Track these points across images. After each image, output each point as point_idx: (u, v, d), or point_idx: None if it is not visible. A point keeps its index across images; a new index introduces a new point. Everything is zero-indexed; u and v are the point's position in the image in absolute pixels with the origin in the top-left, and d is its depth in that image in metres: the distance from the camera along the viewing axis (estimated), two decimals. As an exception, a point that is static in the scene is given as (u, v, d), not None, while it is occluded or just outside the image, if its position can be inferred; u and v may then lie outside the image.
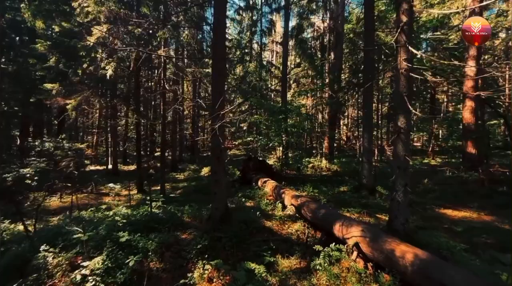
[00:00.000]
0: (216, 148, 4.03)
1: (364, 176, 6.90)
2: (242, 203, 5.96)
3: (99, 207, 6.44)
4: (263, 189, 7.20)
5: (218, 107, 3.84)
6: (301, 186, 7.82)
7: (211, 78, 4.66)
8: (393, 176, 3.62)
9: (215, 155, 4.08)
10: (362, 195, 6.63)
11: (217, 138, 3.95)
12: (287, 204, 5.45)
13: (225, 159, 4.11)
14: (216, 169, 4.10)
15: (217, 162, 4.07)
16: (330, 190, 7.40)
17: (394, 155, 3.63)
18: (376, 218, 5.03)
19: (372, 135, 7.03)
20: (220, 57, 4.23)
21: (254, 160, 9.07)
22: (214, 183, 4.13)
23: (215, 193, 4.10)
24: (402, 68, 3.48)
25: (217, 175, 4.09)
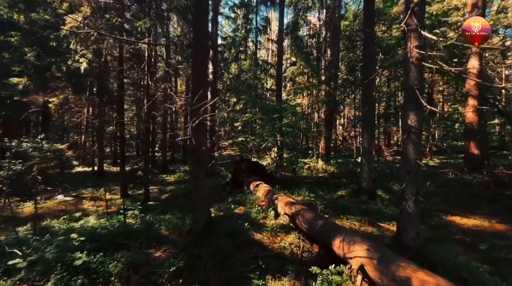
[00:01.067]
0: (196, 148, 3.46)
1: (363, 179, 6.40)
2: (231, 210, 5.40)
3: (72, 214, 5.81)
4: (255, 194, 6.65)
5: (197, 101, 3.28)
6: (296, 189, 7.30)
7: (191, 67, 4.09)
8: (403, 183, 3.09)
9: (196, 157, 3.51)
10: (361, 199, 6.13)
11: (198, 137, 3.39)
12: (280, 212, 4.91)
13: (207, 161, 3.54)
14: (197, 173, 3.53)
15: (198, 165, 3.50)
16: (327, 194, 6.89)
17: (404, 158, 3.11)
18: (379, 227, 4.53)
19: (372, 136, 6.55)
20: (202, 43, 3.67)
21: (247, 161, 8.52)
22: (195, 189, 3.57)
23: (195, 201, 3.54)
24: (413, 57, 2.97)
25: (198, 180, 3.52)
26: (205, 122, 3.51)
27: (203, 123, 3.46)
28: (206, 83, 3.63)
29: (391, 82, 19.20)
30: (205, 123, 3.47)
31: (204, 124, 3.46)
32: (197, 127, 3.42)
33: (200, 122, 3.44)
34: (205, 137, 3.33)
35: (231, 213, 5.18)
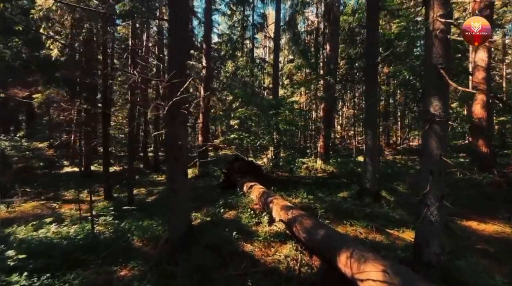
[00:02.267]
0: (172, 144, 2.86)
1: (367, 179, 5.84)
2: (220, 215, 4.80)
3: (42, 220, 5.16)
4: (248, 196, 6.06)
5: (173, 86, 2.68)
6: (294, 190, 6.72)
7: (168, 47, 3.47)
8: (425, 185, 2.52)
9: (172, 155, 2.91)
10: (365, 202, 5.56)
11: (173, 129, 2.79)
12: (275, 217, 4.32)
13: (186, 160, 2.94)
14: (173, 175, 2.93)
15: (175, 165, 2.90)
16: (328, 196, 6.31)
17: (425, 154, 2.54)
18: (388, 235, 3.96)
19: (376, 133, 5.99)
20: (181, 18, 3.05)
21: (241, 160, 7.92)
22: (171, 194, 2.96)
23: (171, 207, 2.93)
24: (437, 29, 2.40)
25: (174, 183, 2.92)
26: (182, 111, 2.90)
27: (180, 113, 2.86)
28: (185, 66, 3.03)
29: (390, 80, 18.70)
30: (182, 113, 2.86)
31: (182, 114, 2.86)
32: (173, 118, 2.82)
33: (177, 112, 2.84)
34: (183, 130, 2.73)
35: (220, 218, 4.58)
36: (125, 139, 22.58)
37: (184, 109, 2.87)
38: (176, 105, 2.78)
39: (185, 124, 2.93)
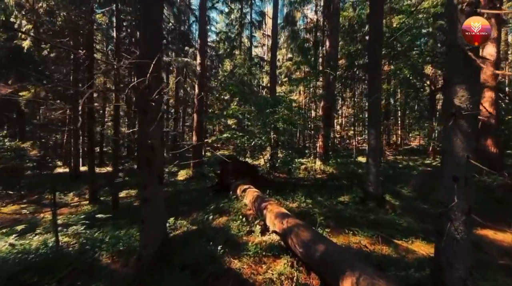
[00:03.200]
0: (144, 144, 2.39)
1: (370, 182, 5.38)
2: (208, 223, 4.33)
3: (13, 228, 4.69)
4: (241, 200, 5.59)
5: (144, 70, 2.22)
6: (291, 194, 6.25)
7: (140, 24, 3.01)
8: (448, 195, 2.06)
9: (145, 156, 2.44)
10: (368, 207, 5.11)
11: (145, 128, 2.33)
12: (269, 225, 3.86)
13: (160, 163, 2.46)
14: (146, 180, 2.46)
15: (147, 169, 2.43)
16: (327, 200, 5.85)
17: (447, 156, 2.08)
18: (396, 246, 3.50)
19: (379, 131, 5.53)
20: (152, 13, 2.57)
21: (235, 161, 7.45)
22: (143, 203, 2.49)
23: (143, 220, 2.47)
24: (463, 2, 1.95)
25: (146, 191, 2.45)
26: (157, 106, 2.44)
27: (151, 108, 2.39)
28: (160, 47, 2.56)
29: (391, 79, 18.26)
30: (155, 107, 2.40)
31: (154, 109, 2.40)
32: (143, 113, 2.35)
33: (148, 106, 2.38)
34: (157, 127, 2.25)
35: (208, 226, 4.11)
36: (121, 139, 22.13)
37: (156, 103, 2.40)
38: (147, 99, 2.31)
39: (159, 120, 2.46)
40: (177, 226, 4.15)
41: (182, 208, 5.87)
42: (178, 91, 17.88)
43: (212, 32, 27.27)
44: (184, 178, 10.62)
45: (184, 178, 10.62)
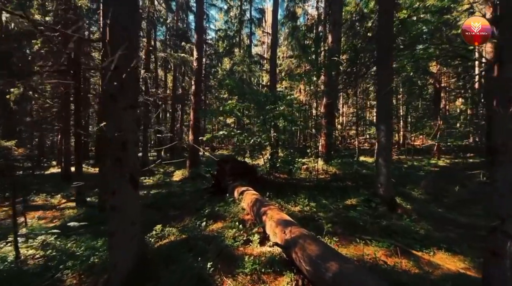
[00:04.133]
0: (113, 139, 1.90)
1: (380, 184, 4.90)
2: (200, 230, 3.84)
3: (-17, 235, 4.20)
4: (239, 203, 5.10)
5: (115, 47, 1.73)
6: (293, 196, 5.77)
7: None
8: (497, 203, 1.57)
9: (114, 155, 1.95)
10: (379, 211, 4.62)
11: (115, 119, 1.84)
12: (269, 234, 3.38)
13: (135, 162, 1.96)
14: (115, 184, 1.97)
15: (117, 169, 1.94)
16: (333, 203, 5.36)
17: (504, 153, 1.59)
18: (417, 259, 3.01)
19: (391, 128, 5.04)
20: None
21: (233, 161, 6.96)
22: (110, 212, 2.00)
23: (112, 233, 1.97)
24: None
25: (115, 197, 1.96)
26: (129, 91, 1.95)
27: (123, 95, 1.90)
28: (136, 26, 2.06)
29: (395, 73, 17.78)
30: (127, 94, 1.91)
31: (126, 95, 1.91)
32: (113, 100, 1.86)
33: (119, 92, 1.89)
34: (130, 118, 1.75)
35: (199, 234, 3.61)
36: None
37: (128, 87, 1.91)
38: (118, 83, 1.83)
39: (132, 113, 1.97)
40: (165, 234, 3.66)
41: (174, 212, 5.39)
42: (176, 90, 17.38)
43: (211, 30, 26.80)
44: (180, 178, 10.13)
45: (180, 178, 10.13)
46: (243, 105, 6.12)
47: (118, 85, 1.86)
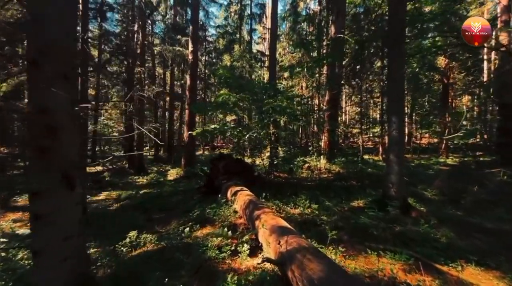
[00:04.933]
0: (35, 118, 1.35)
1: (391, 183, 4.32)
2: (182, 238, 3.28)
3: None
4: (231, 205, 4.55)
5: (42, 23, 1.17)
6: (293, 197, 5.20)
7: None
8: None
9: (36, 144, 1.40)
10: (391, 215, 4.04)
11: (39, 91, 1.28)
12: (262, 243, 2.82)
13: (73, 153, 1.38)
14: (41, 183, 1.42)
15: (41, 163, 1.39)
16: (337, 205, 4.79)
17: None
18: (442, 276, 2.43)
19: (403, 120, 4.44)
20: None
21: (227, 159, 6.40)
22: (33, 222, 1.45)
23: (36, 252, 1.42)
24: None
25: (40, 203, 1.41)
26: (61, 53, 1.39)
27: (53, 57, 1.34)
28: None
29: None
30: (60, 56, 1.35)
31: (57, 58, 1.35)
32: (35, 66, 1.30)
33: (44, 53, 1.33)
34: (62, 96, 1.16)
35: (180, 243, 3.06)
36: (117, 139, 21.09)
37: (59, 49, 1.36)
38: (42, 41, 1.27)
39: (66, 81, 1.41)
40: (141, 242, 3.12)
41: (160, 214, 4.85)
42: (174, 86, 16.86)
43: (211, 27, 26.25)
44: (174, 177, 9.61)
45: (174, 177, 9.61)
46: (239, 96, 5.54)
47: (48, 55, 1.32)
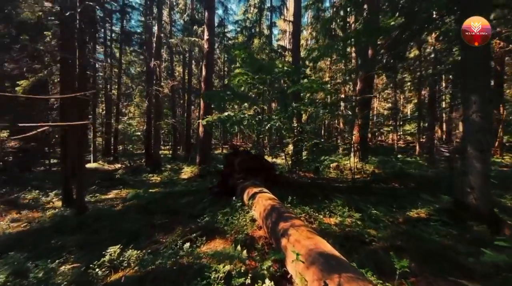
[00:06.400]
0: None
1: (470, 187, 3.09)
2: (178, 257, 2.38)
3: None
4: (248, 210, 3.60)
5: None
6: (326, 202, 4.14)
7: None
8: None
9: None
10: (472, 231, 2.83)
11: None
12: (292, 275, 1.83)
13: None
14: None
15: None
16: (387, 214, 3.64)
17: None
18: None
19: (486, 98, 3.18)
20: None
21: (243, 154, 5.46)
22: None
23: None
24: None
25: None
26: None
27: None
28: None
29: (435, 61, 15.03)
30: None
31: None
32: None
33: None
34: None
35: (173, 267, 2.16)
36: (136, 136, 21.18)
37: None
38: None
39: None
40: (123, 261, 2.27)
41: (164, 218, 4.04)
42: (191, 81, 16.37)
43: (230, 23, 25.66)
44: (189, 176, 8.91)
45: (189, 176, 8.91)
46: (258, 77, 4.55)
47: None
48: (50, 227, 4.14)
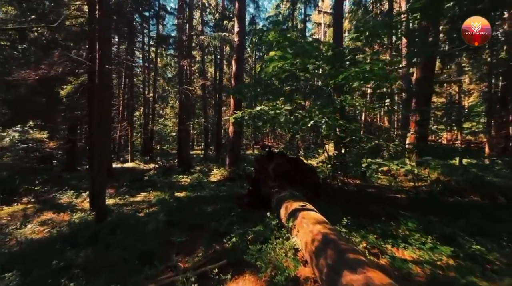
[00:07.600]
0: None
1: None
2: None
3: None
4: (287, 234, 2.73)
5: None
6: (392, 224, 3.06)
7: None
8: None
9: None
10: None
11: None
12: None
13: None
14: None
15: None
16: (495, 249, 2.45)
17: None
18: None
19: None
20: None
21: (279, 158, 4.58)
22: None
23: None
24: None
25: None
26: None
27: None
28: None
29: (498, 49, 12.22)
30: None
31: None
32: None
33: None
34: None
35: None
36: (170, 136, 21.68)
37: None
38: None
39: None
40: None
41: (185, 235, 3.37)
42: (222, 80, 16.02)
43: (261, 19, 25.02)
44: (218, 178, 8.34)
45: (218, 178, 8.34)
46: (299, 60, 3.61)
47: None
48: (68, 235, 3.80)
